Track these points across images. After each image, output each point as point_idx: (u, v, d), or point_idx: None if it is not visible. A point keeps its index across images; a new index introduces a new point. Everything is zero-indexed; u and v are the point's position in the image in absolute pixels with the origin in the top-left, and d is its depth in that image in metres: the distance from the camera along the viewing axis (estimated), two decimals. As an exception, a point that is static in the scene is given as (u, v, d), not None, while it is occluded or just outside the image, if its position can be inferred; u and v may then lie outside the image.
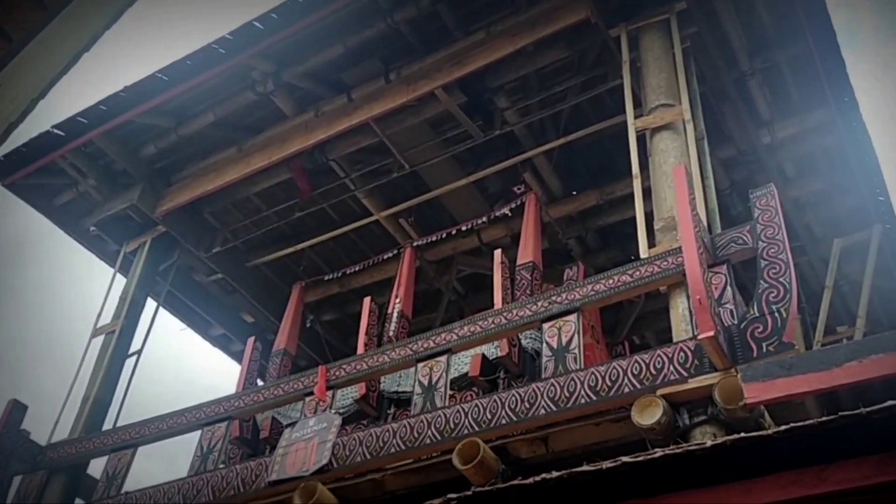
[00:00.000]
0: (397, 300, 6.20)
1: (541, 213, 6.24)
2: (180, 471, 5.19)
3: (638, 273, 4.24)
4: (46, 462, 5.79)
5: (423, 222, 6.94)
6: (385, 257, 6.86)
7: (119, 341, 6.45)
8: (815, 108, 6.11)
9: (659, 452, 2.79)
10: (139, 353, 6.52)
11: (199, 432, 5.36)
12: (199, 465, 5.08)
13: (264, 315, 7.66)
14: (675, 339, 3.94)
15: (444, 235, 6.70)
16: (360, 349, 5.84)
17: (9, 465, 5.66)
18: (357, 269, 7.06)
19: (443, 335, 4.77)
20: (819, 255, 6.73)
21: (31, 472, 5.77)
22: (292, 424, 4.95)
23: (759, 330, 3.58)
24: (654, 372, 3.77)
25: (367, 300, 6.30)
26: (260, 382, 6.40)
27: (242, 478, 4.78)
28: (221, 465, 5.08)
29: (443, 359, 4.67)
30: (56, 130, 6.50)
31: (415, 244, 6.75)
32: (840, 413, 2.52)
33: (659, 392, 3.64)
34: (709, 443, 2.76)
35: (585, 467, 2.86)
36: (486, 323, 4.66)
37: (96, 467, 5.84)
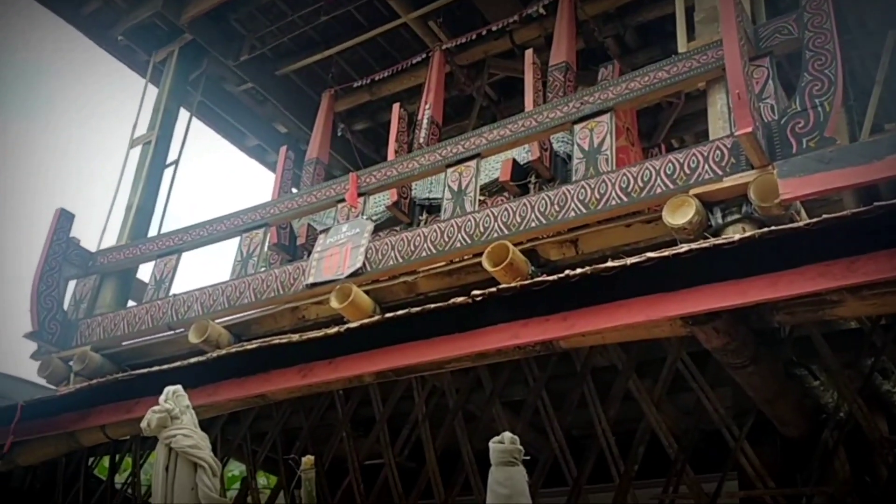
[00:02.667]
0: (427, 106, 6.06)
1: (576, 11, 5.91)
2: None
3: (675, 69, 4.06)
4: (97, 267, 6.04)
5: (453, 24, 6.63)
6: (414, 62, 6.65)
7: (156, 151, 6.51)
8: None
9: (685, 247, 2.78)
10: (176, 163, 6.60)
11: (238, 239, 5.50)
12: (240, 270, 5.25)
13: (296, 125, 7.64)
14: (711, 138, 3.83)
15: (474, 37, 6.41)
16: (391, 156, 5.81)
17: (62, 270, 5.91)
18: (386, 74, 6.86)
19: (472, 140, 4.70)
20: (871, 50, 6.34)
21: (83, 276, 6.05)
22: (326, 231, 5.04)
23: (800, 125, 3.44)
24: (687, 171, 3.69)
25: (396, 106, 6.19)
26: (294, 191, 6.46)
27: (281, 281, 4.93)
28: (261, 269, 5.25)
29: (472, 163, 4.62)
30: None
31: (444, 48, 6.49)
32: (875, 203, 2.44)
33: (692, 192, 3.58)
34: (737, 237, 2.73)
35: (610, 263, 2.87)
36: (515, 126, 4.56)
37: (145, 272, 6.11)
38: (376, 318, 3.74)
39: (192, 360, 3.96)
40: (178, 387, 3.23)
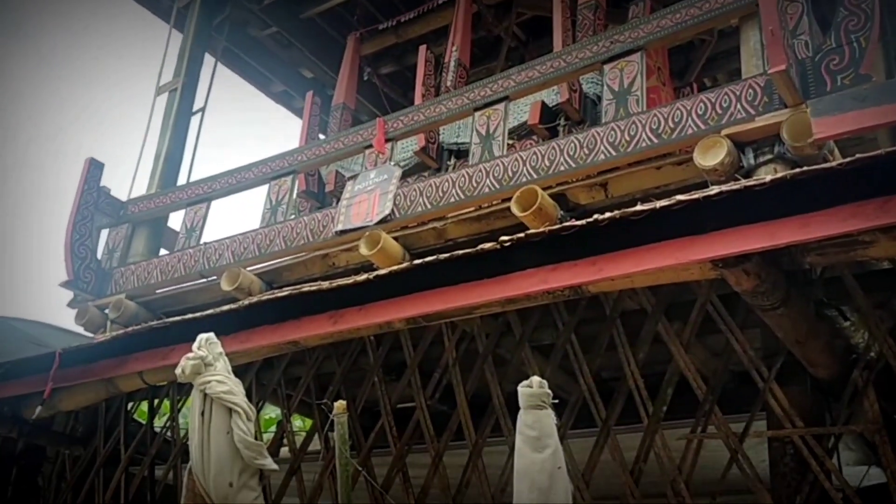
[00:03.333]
0: (454, 48, 5.97)
1: (606, -53, 5.75)
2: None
3: (707, 5, 3.95)
4: (129, 216, 6.11)
5: (480, -38, 6.51)
6: (440, 2, 6.53)
7: (182, 99, 6.49)
8: None
9: (715, 189, 2.74)
10: (203, 110, 6.60)
11: (266, 186, 5.52)
12: (270, 217, 5.28)
13: (322, 69, 7.59)
14: (744, 76, 3.74)
15: (502, -24, 6.31)
16: (418, 100, 5.76)
17: (94, 219, 5.98)
18: (412, 16, 6.76)
19: (500, 82, 4.64)
20: (914, -20, 6.12)
21: (115, 225, 6.13)
22: (354, 177, 5.04)
23: (835, 62, 3.34)
24: (719, 111, 3.62)
25: (422, 49, 6.10)
26: (321, 137, 6.44)
27: (311, 228, 4.96)
28: (291, 217, 5.28)
29: (500, 106, 4.57)
30: None
31: (471, -13, 6.38)
32: (911, 143, 2.38)
33: (724, 132, 3.52)
34: (768, 178, 2.68)
35: (639, 207, 2.84)
36: (544, 67, 4.49)
37: (175, 220, 6.17)
38: (405, 264, 3.76)
39: (225, 307, 4.02)
40: (211, 334, 3.29)
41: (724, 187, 2.76)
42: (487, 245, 3.26)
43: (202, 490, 3.15)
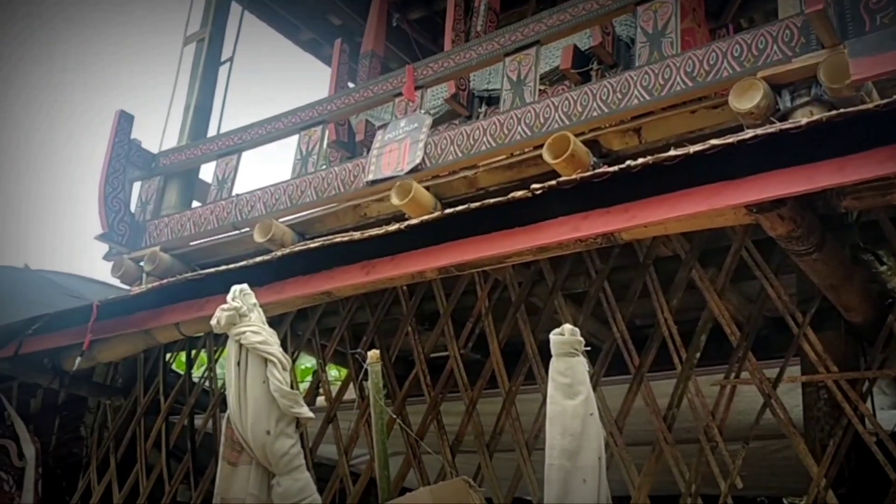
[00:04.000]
0: (483, -8, 5.87)
1: None
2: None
3: (744, -58, 3.83)
4: (160, 168, 6.15)
5: None
6: (468, -55, 6.40)
7: (210, 49, 6.47)
8: None
9: (750, 133, 2.68)
10: (231, 60, 6.57)
11: (296, 137, 5.52)
12: (300, 168, 5.29)
13: (350, 16, 7.48)
14: (781, 16, 3.63)
15: (531, -85, 6.14)
16: (447, 46, 5.68)
17: (126, 172, 6.03)
18: (440, -40, 6.65)
19: (531, 26, 4.54)
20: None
21: (147, 178, 6.18)
22: (384, 126, 5.01)
23: (874, 1, 3.22)
24: (755, 53, 3.52)
25: (451, -7, 6.01)
26: (351, 86, 6.40)
27: (342, 179, 4.96)
28: (321, 167, 5.28)
29: (531, 51, 4.48)
30: None
31: (499, -73, 6.22)
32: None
33: (760, 74, 3.42)
34: (804, 121, 2.61)
35: (672, 152, 2.79)
36: (576, 10, 4.39)
37: (206, 172, 6.20)
38: (436, 214, 3.75)
39: (258, 259, 4.05)
40: (245, 285, 3.32)
41: (759, 131, 2.70)
42: (518, 193, 3.24)
43: (240, 438, 3.21)
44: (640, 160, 2.91)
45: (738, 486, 3.82)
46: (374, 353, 3.45)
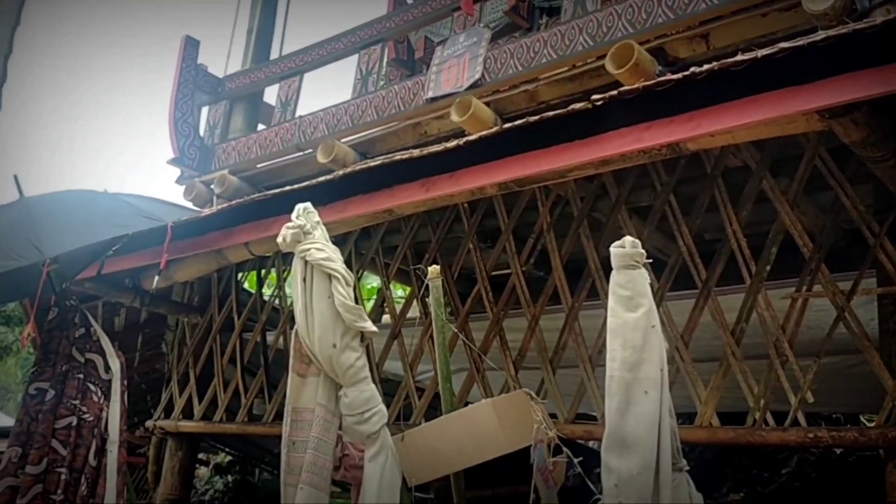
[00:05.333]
0: None
1: None
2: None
3: None
4: (226, 93, 6.24)
5: None
6: None
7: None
8: None
9: (821, 34, 2.53)
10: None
11: (356, 56, 5.49)
12: (361, 88, 5.28)
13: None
14: None
15: None
16: (507, -44, 5.50)
17: (194, 96, 6.14)
18: None
19: (593, -70, 4.37)
20: None
21: (214, 102, 6.27)
22: (443, 42, 4.93)
23: None
24: (832, -52, 3.32)
25: None
26: (409, 2, 6.29)
27: (401, 97, 4.94)
28: (381, 86, 5.25)
29: (593, -43, 4.32)
30: None
31: None
32: None
33: (837, -29, 3.23)
34: (879, 20, 2.46)
35: (739, 57, 2.67)
36: (640, -90, 4.19)
37: (270, 95, 6.26)
38: (495, 129, 3.70)
39: (321, 178, 4.08)
40: (308, 203, 3.36)
41: (831, 32, 2.55)
42: (579, 105, 3.16)
43: (308, 351, 3.31)
44: (705, 66, 2.79)
45: (808, 400, 3.76)
46: (434, 269, 3.48)
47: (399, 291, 9.29)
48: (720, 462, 7.20)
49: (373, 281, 10.45)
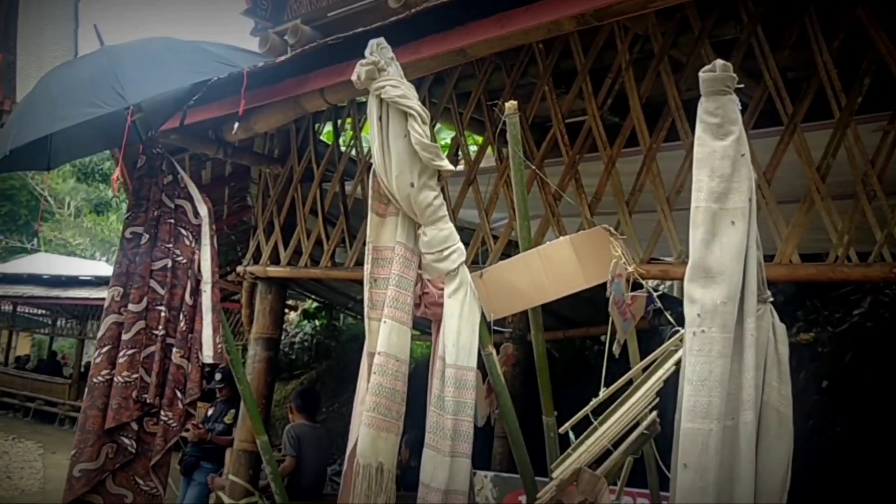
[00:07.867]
0: None
1: None
2: None
3: None
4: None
5: None
6: None
7: None
8: None
9: None
10: None
11: None
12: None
13: None
14: None
15: None
16: None
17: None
18: None
19: None
20: None
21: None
22: None
23: None
24: None
25: None
26: None
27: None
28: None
29: None
30: None
31: None
32: None
33: None
34: None
35: None
36: None
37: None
38: (573, -45, 3.53)
39: (393, 18, 4.01)
40: (381, 39, 3.31)
41: None
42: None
43: (386, 190, 3.34)
44: None
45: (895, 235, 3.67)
46: (511, 104, 3.43)
47: (473, 147, 9.23)
48: (791, 304, 7.16)
49: (446, 136, 10.41)
